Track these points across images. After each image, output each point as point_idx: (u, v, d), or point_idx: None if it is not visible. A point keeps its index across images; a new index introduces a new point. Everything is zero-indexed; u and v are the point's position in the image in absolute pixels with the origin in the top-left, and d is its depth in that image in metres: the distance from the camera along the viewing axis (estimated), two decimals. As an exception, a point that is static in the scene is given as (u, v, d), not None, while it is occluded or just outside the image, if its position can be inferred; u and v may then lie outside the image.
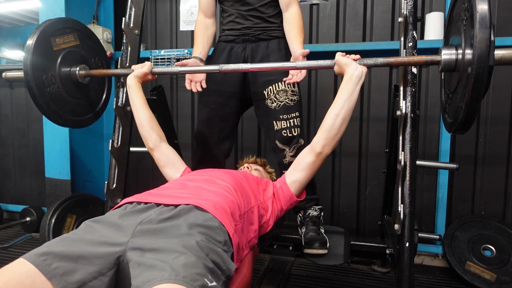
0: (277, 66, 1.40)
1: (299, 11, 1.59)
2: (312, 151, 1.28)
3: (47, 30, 1.52)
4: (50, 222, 2.07)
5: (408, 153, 1.25)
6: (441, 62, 1.14)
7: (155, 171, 2.83)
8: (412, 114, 1.27)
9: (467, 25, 1.02)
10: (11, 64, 3.72)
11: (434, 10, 2.24)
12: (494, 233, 2.08)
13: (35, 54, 1.47)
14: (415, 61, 1.21)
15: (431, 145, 2.29)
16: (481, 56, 0.95)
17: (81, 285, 0.78)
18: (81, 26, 1.71)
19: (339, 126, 1.23)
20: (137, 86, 1.48)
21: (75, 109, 1.69)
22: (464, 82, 1.03)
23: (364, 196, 2.43)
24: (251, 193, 1.22)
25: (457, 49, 1.10)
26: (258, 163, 1.73)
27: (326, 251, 1.59)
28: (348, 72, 1.23)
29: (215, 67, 1.40)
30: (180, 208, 0.97)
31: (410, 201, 1.23)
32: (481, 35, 0.94)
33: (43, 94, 1.51)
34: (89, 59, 1.73)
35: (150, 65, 1.50)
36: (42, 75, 1.51)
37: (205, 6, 1.68)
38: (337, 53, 1.29)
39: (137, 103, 1.46)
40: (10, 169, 3.20)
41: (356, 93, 1.22)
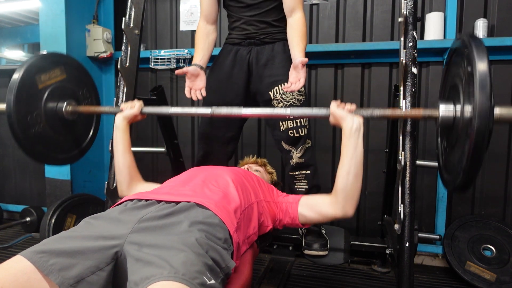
0: (272, 113, 1.37)
1: (303, 18, 1.56)
2: (332, 208, 1.20)
3: (31, 69, 1.42)
4: (50, 222, 2.07)
5: (408, 153, 1.25)
6: (438, 118, 1.10)
7: (155, 171, 2.83)
8: (412, 114, 1.27)
9: (466, 82, 0.99)
10: (11, 64, 3.72)
11: (434, 10, 2.24)
12: (494, 233, 2.08)
13: (19, 94, 1.36)
14: (412, 115, 1.18)
15: (431, 145, 2.29)
16: (481, 118, 0.90)
17: (79, 280, 0.78)
18: (67, 58, 1.64)
19: (353, 183, 1.15)
20: (125, 128, 1.40)
21: (61, 146, 1.59)
22: (463, 142, 0.99)
23: (364, 196, 2.43)
24: (251, 190, 1.22)
25: (455, 105, 1.06)
26: (259, 163, 1.73)
27: (326, 252, 1.59)
28: (346, 127, 1.16)
29: (207, 110, 1.33)
30: (181, 205, 0.97)
31: (410, 201, 1.23)
32: (481, 97, 0.90)
33: (27, 136, 1.42)
34: (76, 92, 1.63)
35: (140, 105, 1.42)
36: (27, 116, 1.41)
37: (207, 12, 1.66)
38: (332, 103, 1.21)
39: (121, 147, 1.38)
40: (10, 169, 3.20)
41: (360, 145, 1.16)
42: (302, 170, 1.62)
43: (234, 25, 1.67)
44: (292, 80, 1.47)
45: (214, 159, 1.74)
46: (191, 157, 2.73)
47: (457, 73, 1.10)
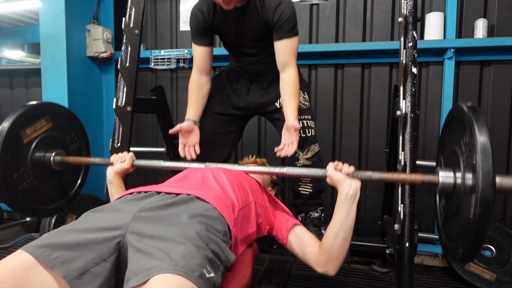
0: (267, 171, 1.39)
1: (296, 74, 1.48)
2: (315, 260, 1.19)
3: (16, 124, 1.38)
4: (50, 222, 2.07)
5: (408, 153, 1.25)
6: (438, 184, 1.09)
7: (155, 171, 2.83)
8: (412, 114, 1.27)
9: (468, 155, 0.99)
10: (11, 64, 3.72)
11: (434, 10, 2.24)
12: (494, 233, 2.08)
13: (3, 155, 1.33)
14: (411, 180, 1.16)
15: (431, 145, 2.29)
16: (484, 203, 0.89)
17: (83, 271, 0.79)
18: (53, 106, 1.59)
19: (340, 246, 1.14)
20: (118, 182, 1.39)
21: (49, 196, 1.56)
22: (466, 210, 0.97)
23: (364, 196, 2.43)
24: (249, 190, 1.23)
25: (455, 173, 1.07)
26: (258, 163, 1.73)
27: (326, 252, 1.58)
28: (343, 191, 1.14)
29: (201, 165, 1.34)
30: (181, 196, 0.98)
31: (410, 201, 1.23)
32: (485, 167, 0.89)
33: (15, 195, 1.39)
34: (63, 139, 1.61)
35: (131, 157, 1.40)
36: (13, 174, 1.39)
37: (201, 63, 1.59)
38: (329, 165, 1.20)
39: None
40: (10, 169, 3.19)
41: (353, 212, 1.15)
42: None
43: (236, 64, 1.69)
44: (285, 141, 1.44)
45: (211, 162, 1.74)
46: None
47: (456, 141, 1.10)
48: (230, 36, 1.55)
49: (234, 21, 1.48)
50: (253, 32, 1.49)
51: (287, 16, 1.40)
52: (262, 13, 1.43)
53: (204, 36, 1.54)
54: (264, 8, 1.42)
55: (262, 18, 1.44)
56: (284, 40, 1.44)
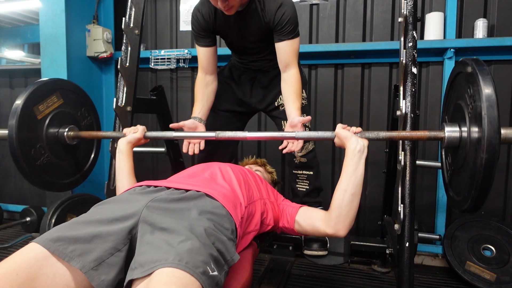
0: (276, 136, 1.37)
1: (298, 74, 1.50)
2: (325, 224, 1.20)
3: (29, 101, 1.43)
4: (50, 222, 2.06)
5: (408, 153, 1.25)
6: (444, 139, 1.11)
7: (155, 171, 2.83)
8: (412, 114, 1.27)
9: (473, 106, 1.00)
10: (11, 64, 3.72)
11: (434, 10, 2.24)
12: (494, 233, 2.08)
13: (20, 131, 1.39)
14: (418, 136, 1.17)
15: (431, 145, 2.29)
16: (490, 150, 0.91)
17: (99, 262, 0.80)
18: (62, 82, 1.64)
19: (349, 202, 1.15)
20: (129, 152, 1.40)
21: (65, 171, 1.63)
22: (472, 162, 0.99)
23: (364, 196, 2.43)
24: (255, 188, 1.25)
25: (461, 127, 1.08)
26: (258, 163, 1.75)
27: (326, 252, 1.59)
28: (350, 147, 1.16)
29: (211, 134, 1.34)
30: (191, 193, 1.00)
31: (410, 201, 1.23)
32: (490, 117, 0.91)
33: (34, 170, 1.46)
34: (75, 114, 1.66)
35: (143, 129, 1.43)
36: (31, 150, 1.45)
37: (205, 64, 1.60)
38: (337, 125, 1.22)
39: (125, 171, 1.37)
40: (10, 169, 3.20)
41: (361, 167, 1.16)
42: (305, 170, 1.63)
43: (238, 60, 1.71)
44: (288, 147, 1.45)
45: (216, 159, 1.75)
46: (191, 157, 2.73)
47: (461, 96, 1.11)
48: (232, 38, 1.57)
49: (235, 24, 1.48)
50: (255, 34, 1.50)
51: (288, 17, 1.40)
52: (263, 15, 1.43)
53: (206, 38, 1.55)
54: (265, 11, 1.42)
55: (263, 20, 1.44)
56: (286, 42, 1.45)
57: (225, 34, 1.56)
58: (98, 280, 0.79)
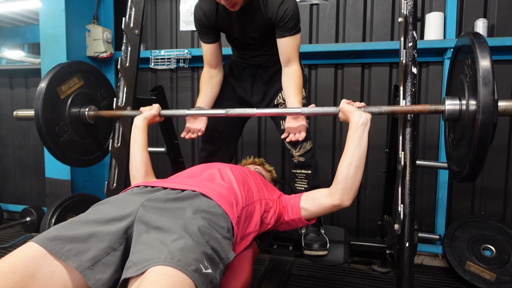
0: (282, 112, 1.42)
1: (299, 70, 1.52)
2: (330, 198, 1.24)
3: (53, 82, 1.54)
4: (50, 222, 2.06)
5: (408, 153, 1.25)
6: (445, 111, 1.15)
7: (155, 171, 2.82)
8: (412, 114, 1.27)
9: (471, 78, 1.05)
10: (11, 64, 3.72)
11: (434, 10, 2.24)
12: (494, 233, 2.08)
13: (45, 109, 1.51)
14: (419, 109, 1.20)
15: (431, 145, 2.29)
16: (485, 111, 0.97)
17: (95, 262, 0.81)
18: (82, 64, 1.73)
19: (354, 174, 1.18)
20: (144, 128, 1.46)
21: (86, 148, 1.75)
22: (469, 134, 1.04)
23: (364, 196, 2.43)
24: (255, 189, 1.25)
25: (461, 100, 1.12)
26: (257, 163, 1.76)
27: (326, 252, 1.59)
28: (353, 120, 1.20)
29: (222, 111, 1.39)
30: (186, 192, 1.00)
31: (410, 201, 1.23)
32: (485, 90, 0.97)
33: (58, 146, 1.58)
34: (94, 95, 1.76)
35: (158, 107, 1.50)
36: (55, 128, 1.57)
37: (210, 59, 1.63)
38: (342, 101, 1.27)
39: (140, 145, 1.42)
40: (10, 169, 3.20)
41: (365, 140, 1.20)
42: (303, 170, 1.63)
43: (238, 55, 1.71)
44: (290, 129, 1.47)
45: (217, 159, 1.76)
46: (191, 157, 2.73)
47: (461, 70, 1.15)
48: (234, 34, 1.57)
49: (237, 20, 1.49)
50: (257, 29, 1.51)
51: (290, 13, 1.41)
52: (265, 11, 1.44)
53: (209, 34, 1.57)
54: (267, 7, 1.43)
55: (265, 16, 1.45)
56: (288, 38, 1.46)
57: (227, 30, 1.57)
58: (94, 279, 0.80)
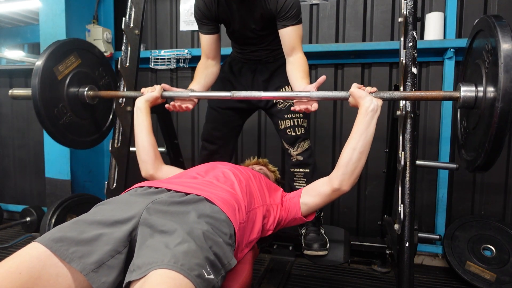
0: (290, 95, 1.38)
1: (304, 58, 1.50)
2: (329, 184, 1.24)
3: (49, 62, 1.48)
4: (50, 222, 2.06)
5: (408, 153, 1.25)
6: (460, 98, 1.11)
7: (155, 171, 2.83)
8: (412, 114, 1.27)
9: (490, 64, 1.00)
10: (11, 64, 3.72)
11: (434, 10, 2.24)
12: (494, 233, 2.08)
13: (43, 91, 1.45)
14: (432, 96, 1.18)
15: (431, 145, 2.29)
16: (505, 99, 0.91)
17: (99, 265, 0.80)
18: (78, 42, 1.66)
19: (357, 160, 1.18)
20: (147, 110, 1.44)
21: (86, 130, 1.71)
22: (486, 122, 0.99)
23: (364, 196, 2.43)
24: (257, 194, 1.23)
25: (477, 86, 1.07)
26: (261, 163, 1.76)
27: (326, 252, 1.59)
28: (363, 105, 1.19)
29: (227, 93, 1.38)
30: (190, 196, 1.00)
31: (410, 201, 1.23)
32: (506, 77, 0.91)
33: (58, 128, 1.54)
34: (92, 74, 1.70)
35: (161, 88, 1.46)
36: (54, 109, 1.51)
37: (207, 50, 1.62)
38: (353, 85, 1.24)
39: (143, 127, 1.42)
40: (10, 169, 3.20)
41: (373, 126, 1.19)
42: (302, 168, 1.64)
43: (238, 50, 1.70)
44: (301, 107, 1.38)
45: (218, 158, 1.76)
46: (191, 157, 2.73)
47: (479, 55, 1.10)
48: (234, 26, 1.57)
49: (238, 11, 1.49)
50: (257, 21, 1.51)
51: (291, 3, 1.42)
52: (266, 2, 1.44)
53: (208, 25, 1.57)
54: None
55: (267, 7, 1.45)
56: (290, 28, 1.46)
57: (228, 22, 1.57)
58: (99, 282, 0.79)
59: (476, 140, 1.09)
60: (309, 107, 1.34)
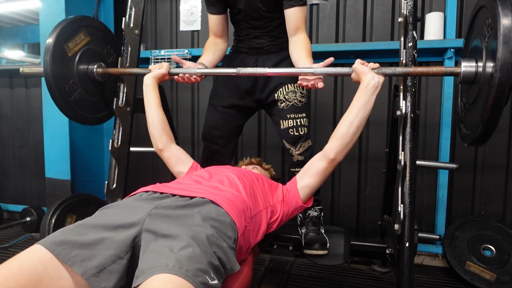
0: (294, 71, 1.40)
1: (307, 38, 1.55)
2: (324, 157, 1.26)
3: (59, 39, 1.50)
4: (50, 222, 2.06)
5: (408, 153, 1.25)
6: (460, 73, 1.13)
7: (155, 171, 2.83)
8: (412, 114, 1.28)
9: (490, 38, 1.02)
10: (11, 64, 3.72)
11: (434, 10, 2.24)
12: (494, 233, 2.08)
13: (54, 67, 1.47)
14: (434, 71, 1.20)
15: (431, 145, 2.29)
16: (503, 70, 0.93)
17: (101, 269, 0.80)
18: (87, 19, 1.67)
19: (353, 134, 1.22)
20: (154, 86, 1.48)
21: (95, 106, 1.73)
22: (484, 95, 1.02)
23: (364, 196, 2.43)
24: (261, 196, 1.23)
25: (477, 62, 1.10)
26: (254, 163, 1.75)
27: (326, 251, 1.59)
28: (365, 81, 1.22)
29: (233, 70, 1.40)
30: (196, 200, 1.00)
31: (410, 201, 1.23)
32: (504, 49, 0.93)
33: (69, 104, 1.57)
34: (101, 52, 1.72)
35: (168, 65, 1.50)
36: (65, 86, 1.54)
37: (215, 29, 1.67)
38: (356, 60, 1.28)
39: (152, 103, 1.47)
40: (10, 169, 3.20)
41: (372, 102, 1.22)
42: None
43: (241, 38, 1.70)
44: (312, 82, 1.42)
45: (219, 157, 1.76)
46: (191, 156, 2.73)
47: (480, 31, 1.12)
48: (239, 5, 1.57)
49: None
50: (264, 1, 1.52)
51: None
52: None
53: (215, 5, 1.61)
54: None
55: None
56: (296, 8, 1.49)
57: (233, 2, 1.58)
58: (99, 286, 0.79)
59: (475, 114, 1.11)
60: (316, 84, 1.39)
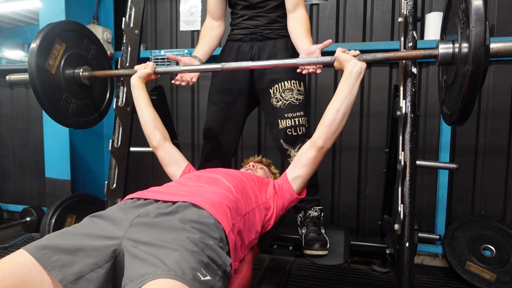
0: (279, 63, 1.40)
1: (306, 14, 1.57)
2: (313, 146, 1.28)
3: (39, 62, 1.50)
4: (50, 222, 2.06)
5: (408, 153, 1.26)
6: (438, 56, 1.16)
7: (155, 171, 2.83)
8: (412, 114, 1.28)
9: (464, 21, 1.06)
10: (11, 64, 3.72)
11: (434, 10, 2.24)
12: (494, 233, 2.08)
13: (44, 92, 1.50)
14: (413, 55, 1.22)
15: (431, 145, 2.29)
16: (476, 48, 0.98)
17: (79, 276, 0.80)
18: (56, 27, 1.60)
19: (340, 121, 1.24)
20: (141, 86, 1.50)
21: (87, 110, 1.75)
22: (461, 74, 1.06)
23: (364, 196, 2.43)
24: (252, 195, 1.23)
25: (454, 44, 1.14)
26: (264, 163, 1.73)
27: (326, 252, 1.59)
28: (348, 68, 1.24)
29: (217, 65, 1.40)
30: (178, 204, 0.99)
31: (410, 201, 1.23)
32: (476, 28, 0.97)
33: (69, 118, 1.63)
34: (80, 51, 1.70)
35: (153, 65, 1.51)
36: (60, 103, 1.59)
37: (213, 9, 1.69)
38: (337, 49, 1.29)
39: (141, 103, 1.49)
40: (10, 169, 3.20)
41: (356, 88, 1.24)
42: None
43: (237, 21, 1.69)
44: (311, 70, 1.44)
45: (220, 156, 1.75)
46: (191, 157, 2.73)
47: (456, 12, 1.16)
48: None
49: None
50: None
51: None
52: None
53: None
54: None
55: None
56: None
57: None
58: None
59: (453, 95, 1.15)
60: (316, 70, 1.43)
